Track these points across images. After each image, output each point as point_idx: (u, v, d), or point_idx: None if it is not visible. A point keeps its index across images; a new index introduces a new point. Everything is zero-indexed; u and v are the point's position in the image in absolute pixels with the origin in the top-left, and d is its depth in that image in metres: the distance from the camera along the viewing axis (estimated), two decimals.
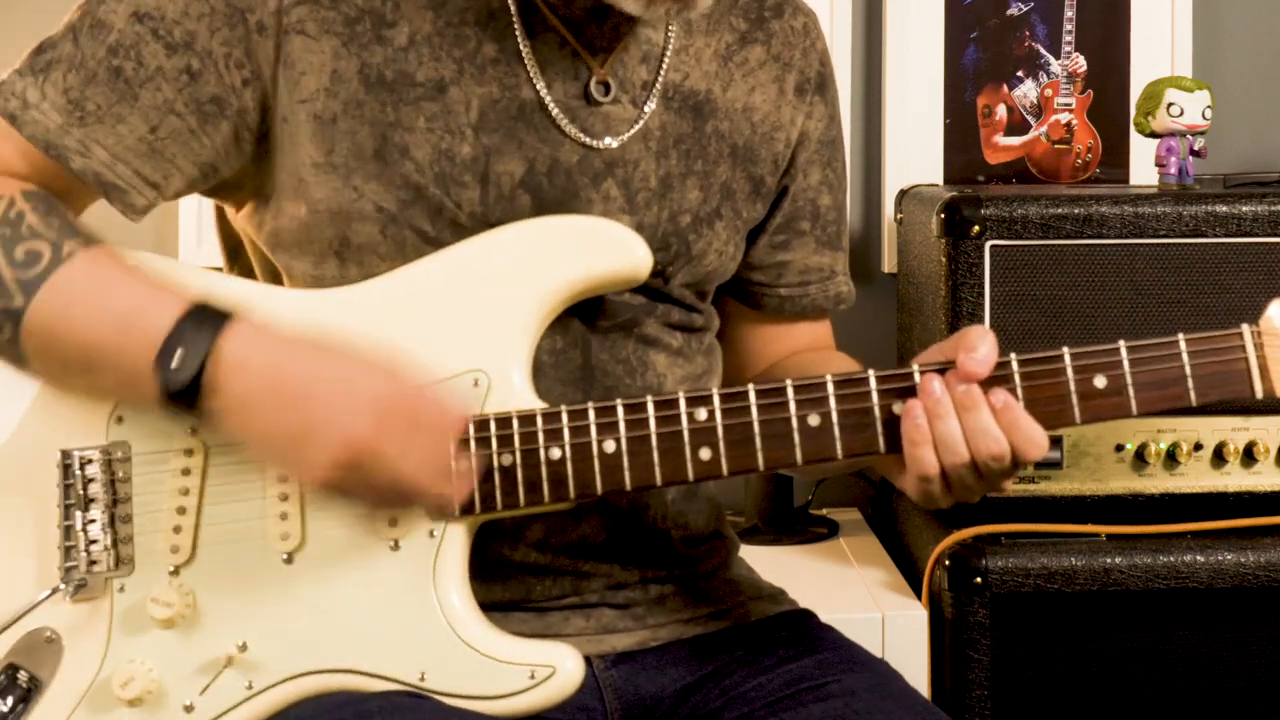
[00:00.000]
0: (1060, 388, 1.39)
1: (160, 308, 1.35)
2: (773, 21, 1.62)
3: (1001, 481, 1.40)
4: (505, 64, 1.49)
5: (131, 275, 1.38)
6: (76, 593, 1.43)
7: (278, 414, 1.34)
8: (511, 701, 1.40)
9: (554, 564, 1.51)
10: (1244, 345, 1.40)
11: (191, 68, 1.43)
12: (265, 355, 1.34)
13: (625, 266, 1.47)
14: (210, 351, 1.33)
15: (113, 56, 1.42)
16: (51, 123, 1.42)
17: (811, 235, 1.67)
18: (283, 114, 1.45)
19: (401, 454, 1.34)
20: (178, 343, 1.34)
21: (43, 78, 1.42)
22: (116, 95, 1.42)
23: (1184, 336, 1.40)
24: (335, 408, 1.33)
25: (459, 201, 1.46)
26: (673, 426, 1.41)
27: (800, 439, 1.40)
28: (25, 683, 1.42)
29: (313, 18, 1.45)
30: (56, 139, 1.42)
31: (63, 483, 1.44)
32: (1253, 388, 1.40)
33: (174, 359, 1.33)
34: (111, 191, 1.44)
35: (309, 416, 1.33)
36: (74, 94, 1.42)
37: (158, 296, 1.36)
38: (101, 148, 1.42)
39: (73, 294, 1.37)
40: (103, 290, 1.37)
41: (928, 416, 1.38)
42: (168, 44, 1.43)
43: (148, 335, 1.34)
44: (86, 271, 1.38)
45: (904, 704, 1.50)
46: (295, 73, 1.44)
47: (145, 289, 1.37)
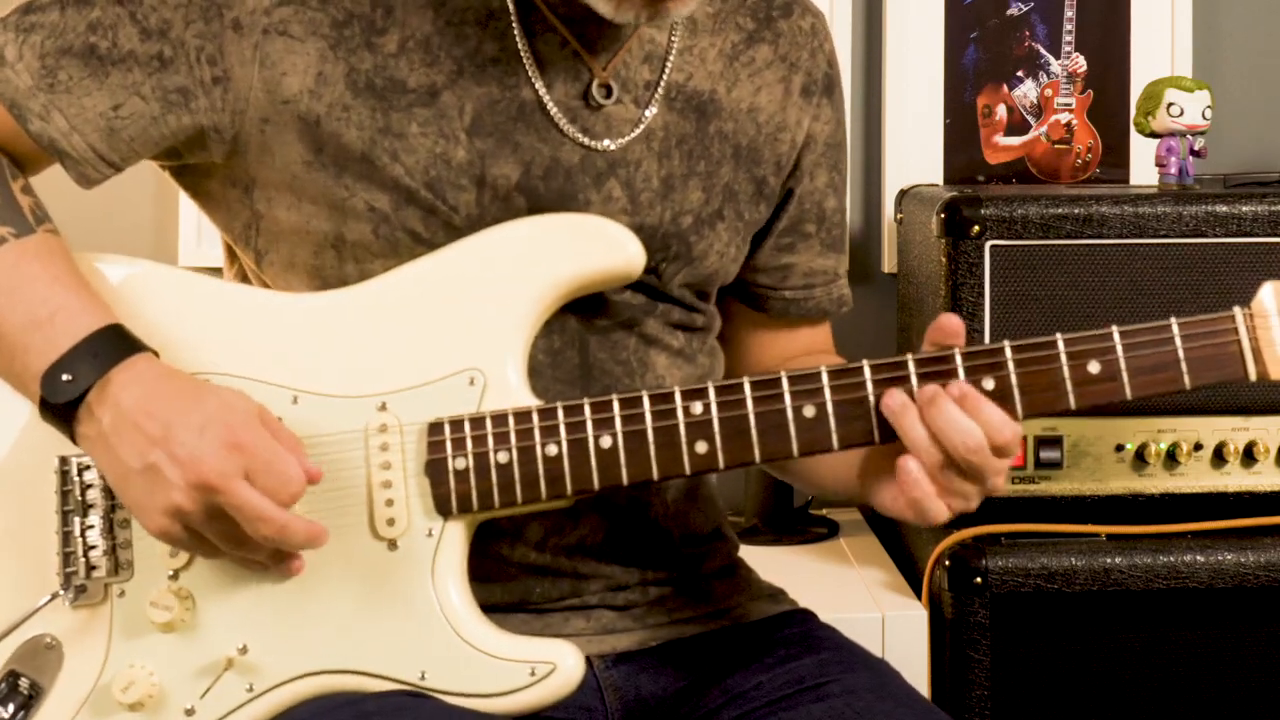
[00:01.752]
0: (1054, 374, 1.39)
1: (69, 321, 1.38)
2: (781, 21, 1.62)
3: (992, 479, 1.40)
4: (505, 64, 1.49)
5: (55, 279, 1.40)
6: (76, 598, 1.43)
7: (134, 451, 1.35)
8: (512, 699, 1.40)
9: (553, 565, 1.52)
10: (1236, 328, 1.40)
11: (163, 55, 1.44)
12: (140, 394, 1.35)
13: (618, 263, 1.47)
14: (96, 382, 1.36)
15: (91, 33, 1.44)
16: (21, 83, 1.44)
17: (817, 238, 1.67)
18: (263, 115, 1.45)
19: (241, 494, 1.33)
20: (71, 364, 1.36)
21: (23, 37, 1.44)
22: (88, 70, 1.44)
23: (1176, 321, 1.40)
24: (184, 447, 1.33)
25: (454, 205, 1.46)
26: (669, 421, 1.41)
27: (796, 430, 1.41)
28: (26, 689, 1.43)
29: (297, 19, 1.45)
30: (22, 100, 1.44)
31: (60, 489, 1.44)
32: (1246, 370, 1.40)
33: (60, 377, 1.36)
34: (65, 159, 1.46)
35: (160, 455, 1.34)
36: (49, 61, 1.44)
37: (72, 309, 1.38)
38: (62, 116, 1.44)
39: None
40: (19, 288, 1.39)
41: (900, 426, 1.37)
42: (143, 29, 1.44)
43: (48, 344, 1.37)
44: (10, 264, 1.40)
45: (904, 704, 1.50)
46: (275, 73, 1.45)
47: (64, 298, 1.39)
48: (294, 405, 1.42)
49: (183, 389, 1.37)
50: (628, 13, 1.43)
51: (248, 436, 1.34)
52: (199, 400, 1.36)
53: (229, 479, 1.32)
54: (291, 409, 1.42)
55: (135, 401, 1.35)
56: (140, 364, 1.37)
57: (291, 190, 1.47)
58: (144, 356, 1.38)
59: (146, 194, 2.49)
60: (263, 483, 1.33)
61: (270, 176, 1.47)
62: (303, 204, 1.47)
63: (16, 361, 1.38)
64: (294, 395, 1.43)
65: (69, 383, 1.36)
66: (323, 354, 1.44)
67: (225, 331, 1.45)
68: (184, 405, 1.35)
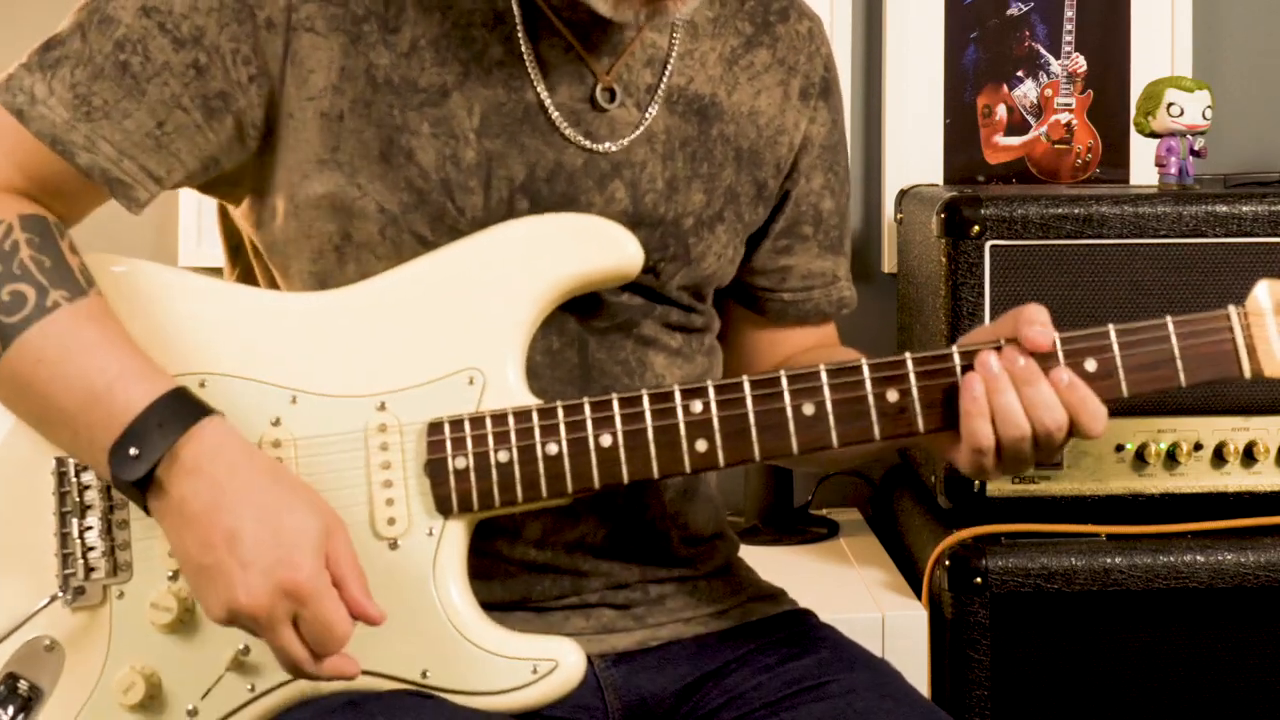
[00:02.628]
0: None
1: (131, 392, 1.35)
2: (778, 26, 1.62)
3: (1056, 454, 1.42)
4: (510, 67, 1.49)
5: (111, 344, 1.37)
6: (75, 600, 1.43)
7: (197, 544, 1.33)
8: (514, 696, 1.40)
9: (553, 563, 1.52)
10: (1231, 326, 1.42)
11: (199, 63, 1.43)
12: (214, 474, 1.33)
13: (617, 262, 1.47)
14: (166, 454, 1.33)
15: (119, 51, 1.42)
16: (58, 118, 1.41)
17: (814, 240, 1.67)
18: (289, 110, 1.45)
19: (282, 636, 1.33)
20: (137, 439, 1.33)
21: (50, 74, 1.42)
22: (123, 90, 1.42)
23: (1172, 319, 1.42)
24: (240, 569, 1.31)
25: (462, 207, 1.46)
26: (668, 419, 1.41)
27: (795, 429, 1.41)
28: (26, 692, 1.42)
29: (322, 15, 1.45)
30: (63, 134, 1.41)
31: (58, 490, 1.44)
32: (1240, 368, 1.42)
33: (128, 450, 1.33)
34: (117, 187, 1.43)
35: (219, 563, 1.32)
36: (81, 89, 1.41)
37: (133, 377, 1.35)
38: (108, 143, 1.42)
39: (45, 353, 1.36)
40: (75, 357, 1.36)
41: (986, 390, 1.39)
42: (175, 39, 1.43)
43: (111, 417, 1.34)
44: (65, 330, 1.37)
45: (904, 703, 1.50)
46: (304, 70, 1.45)
47: (124, 364, 1.36)
48: (293, 405, 1.42)
49: (253, 485, 1.33)
50: (626, 12, 1.43)
51: (309, 585, 1.31)
52: (271, 512, 1.33)
53: (276, 622, 1.32)
54: (291, 409, 1.42)
55: (205, 494, 1.32)
56: (209, 433, 1.34)
57: (296, 193, 1.47)
58: (212, 422, 1.35)
59: None
60: (308, 631, 1.33)
61: (284, 176, 1.47)
62: (304, 208, 1.47)
63: (81, 437, 1.36)
64: (293, 395, 1.43)
65: (136, 459, 1.33)
66: (322, 354, 1.44)
67: (225, 331, 1.44)
68: (255, 514, 1.32)
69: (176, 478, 1.33)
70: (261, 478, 1.35)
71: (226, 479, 1.33)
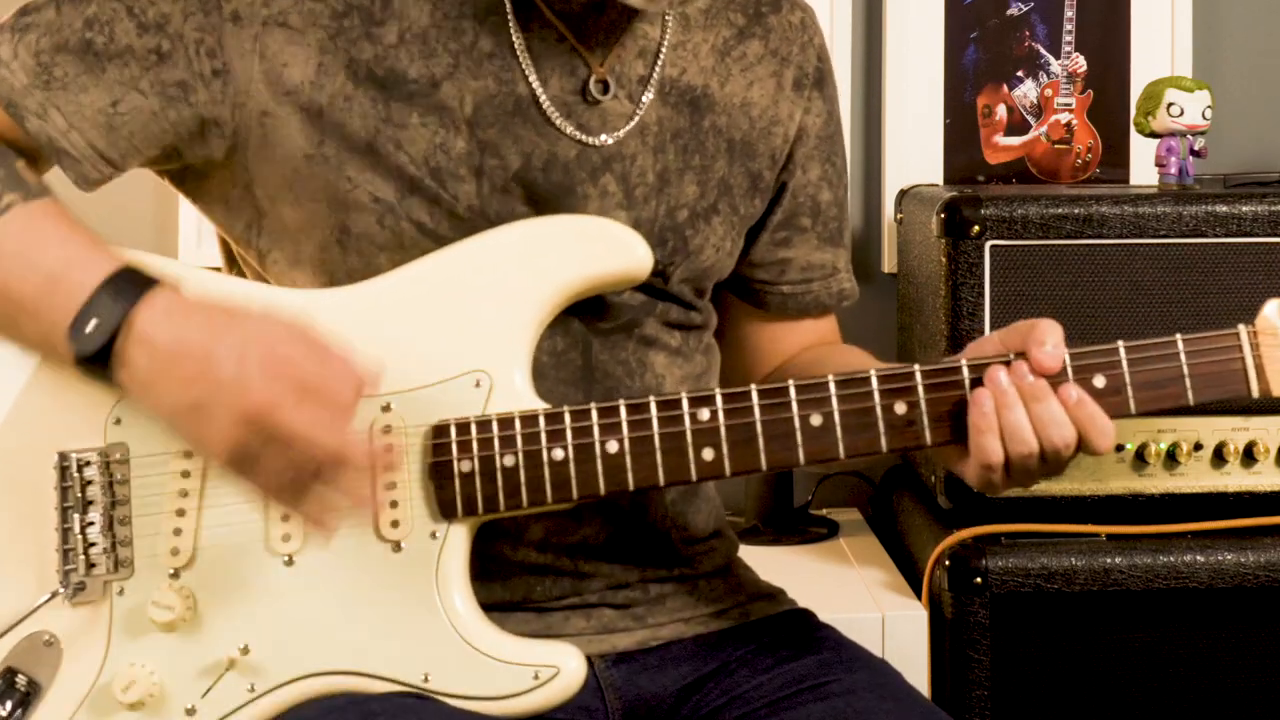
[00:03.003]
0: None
1: (85, 271, 1.35)
2: (770, 16, 1.62)
3: (1064, 467, 1.43)
4: (501, 58, 1.48)
5: (66, 233, 1.38)
6: (75, 596, 1.43)
7: (178, 388, 1.32)
8: (515, 702, 1.40)
9: (555, 564, 1.51)
10: (1240, 345, 1.41)
11: (161, 49, 1.44)
12: (171, 330, 1.33)
13: (626, 266, 1.47)
14: (122, 323, 1.33)
15: (87, 29, 1.43)
16: (17, 81, 1.43)
17: (813, 232, 1.67)
18: (263, 108, 1.45)
19: (294, 415, 1.31)
20: (93, 310, 1.34)
21: (19, 37, 1.43)
22: (84, 66, 1.43)
23: (1181, 337, 1.42)
24: (228, 378, 1.31)
25: (455, 195, 1.46)
26: (676, 427, 1.41)
27: (803, 439, 1.41)
28: (24, 686, 1.42)
29: (296, 10, 1.45)
30: (18, 98, 1.43)
31: (60, 485, 1.44)
32: (1249, 388, 1.41)
33: (87, 326, 1.33)
34: (63, 158, 1.44)
35: (204, 390, 1.31)
36: (44, 58, 1.43)
37: (86, 258, 1.36)
38: (60, 114, 1.43)
39: (3, 247, 1.37)
40: (33, 246, 1.37)
41: (995, 406, 1.39)
42: (140, 23, 1.43)
43: (68, 299, 1.34)
44: (21, 224, 1.38)
45: (904, 703, 1.50)
46: (276, 65, 1.44)
47: (76, 249, 1.37)
48: None
49: (213, 316, 1.34)
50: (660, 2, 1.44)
51: (290, 351, 1.32)
52: (233, 324, 1.33)
53: (277, 406, 1.30)
54: None
55: (168, 337, 1.33)
56: (162, 297, 1.34)
57: (293, 185, 1.47)
58: (163, 288, 1.35)
59: (146, 194, 2.49)
60: (314, 401, 1.31)
61: (271, 172, 1.47)
62: (304, 199, 1.47)
63: (43, 323, 1.36)
64: None
65: (95, 329, 1.33)
66: None
67: None
68: (218, 332, 1.32)
69: (135, 345, 1.33)
70: (216, 310, 1.35)
71: (184, 325, 1.33)
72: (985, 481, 1.42)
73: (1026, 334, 1.41)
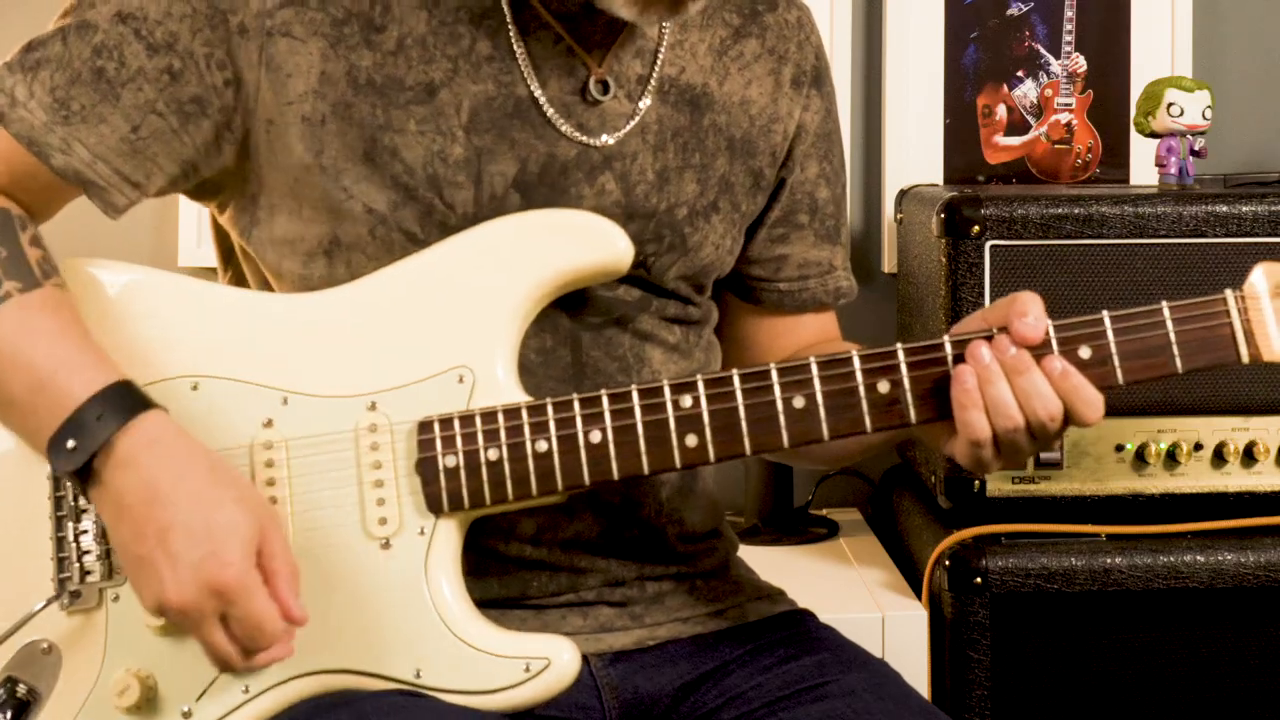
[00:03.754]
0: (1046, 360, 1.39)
1: (74, 382, 1.35)
2: (766, 15, 1.63)
3: (1053, 443, 1.41)
4: (500, 61, 1.49)
5: (61, 335, 1.38)
6: (71, 603, 1.43)
7: (131, 535, 1.33)
8: (508, 695, 1.40)
9: (549, 559, 1.52)
10: (1228, 310, 1.40)
11: (173, 68, 1.44)
12: (150, 467, 1.33)
13: (606, 258, 1.46)
14: (103, 447, 1.33)
15: (96, 57, 1.44)
16: (37, 120, 1.43)
17: (810, 229, 1.67)
18: (268, 116, 1.45)
19: (213, 632, 1.33)
20: (73, 430, 1.33)
21: (31, 76, 1.44)
22: (99, 95, 1.43)
23: (1168, 304, 1.40)
24: (171, 564, 1.32)
25: (451, 202, 1.46)
26: (658, 415, 1.41)
27: (786, 422, 1.40)
28: (24, 695, 1.42)
29: (299, 20, 1.45)
30: (40, 136, 1.43)
31: (54, 494, 1.44)
32: (1238, 352, 1.40)
33: (67, 443, 1.34)
34: (91, 189, 1.45)
35: (149, 556, 1.32)
36: (60, 93, 1.43)
37: (75, 364, 1.36)
38: (83, 146, 1.43)
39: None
40: (23, 346, 1.37)
41: (978, 381, 1.38)
42: (149, 44, 1.44)
43: (52, 410, 1.34)
44: (15, 320, 1.38)
45: (903, 704, 1.50)
46: (281, 75, 1.45)
47: (69, 354, 1.36)
48: (284, 406, 1.43)
49: (187, 479, 1.33)
50: (652, 15, 1.44)
51: (236, 583, 1.31)
52: (203, 507, 1.33)
53: (203, 619, 1.32)
54: (282, 410, 1.43)
55: (139, 487, 1.33)
56: (147, 426, 1.34)
57: (295, 194, 1.47)
58: (150, 416, 1.35)
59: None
60: (238, 628, 1.33)
61: (276, 181, 1.47)
62: (304, 208, 1.47)
63: (29, 424, 1.37)
64: (284, 396, 1.43)
65: (73, 451, 1.33)
66: (312, 354, 1.44)
67: (215, 334, 1.45)
68: (186, 509, 1.32)
69: (113, 470, 1.33)
70: (197, 472, 1.34)
71: (161, 473, 1.33)
72: (975, 460, 1.41)
73: (1007, 307, 1.40)
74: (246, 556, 1.32)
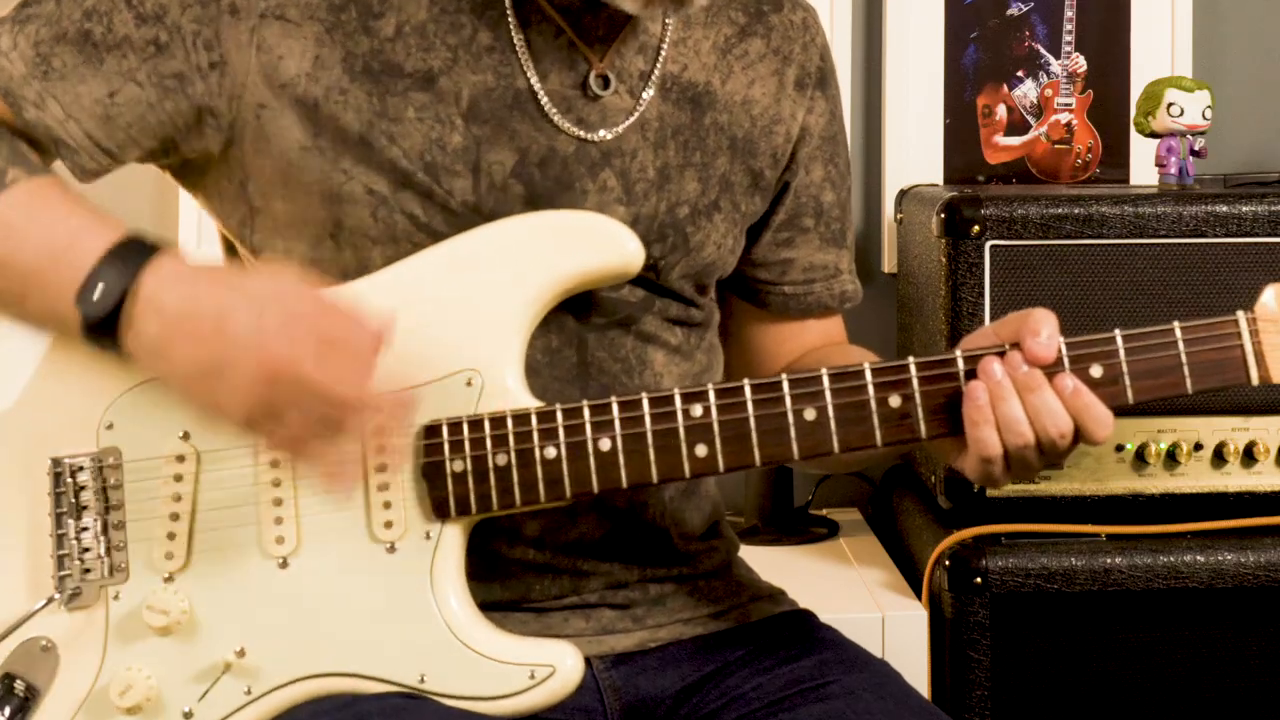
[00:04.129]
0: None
1: (90, 240, 1.36)
2: (772, 15, 1.62)
3: (1063, 459, 1.41)
4: (500, 53, 1.48)
5: (71, 206, 1.39)
6: (71, 601, 1.43)
7: (191, 349, 1.32)
8: (512, 702, 1.40)
9: (552, 562, 1.51)
10: (1239, 333, 1.40)
11: (159, 40, 1.44)
12: (180, 292, 1.33)
13: (617, 260, 1.46)
14: (130, 288, 1.33)
15: (86, 19, 1.44)
16: (16, 71, 1.43)
17: (815, 232, 1.67)
18: (260, 100, 1.45)
19: (318, 369, 1.31)
20: (100, 277, 1.34)
21: (19, 28, 1.44)
22: (82, 57, 1.44)
23: (1179, 325, 1.41)
24: (245, 335, 1.31)
25: (450, 190, 1.46)
26: (668, 424, 1.41)
27: (796, 434, 1.40)
28: (22, 692, 1.42)
29: (294, 3, 1.45)
30: (16, 87, 1.43)
31: (54, 491, 1.44)
32: (1249, 375, 1.40)
33: (95, 292, 1.34)
34: (60, 148, 1.45)
35: (221, 349, 1.31)
36: (43, 48, 1.43)
37: (90, 228, 1.37)
38: (57, 103, 1.43)
39: (9, 220, 1.38)
40: (39, 218, 1.38)
41: (990, 398, 1.38)
42: (139, 14, 1.44)
43: (74, 267, 1.35)
44: (26, 198, 1.39)
45: (904, 704, 1.50)
46: (273, 57, 1.44)
47: (80, 220, 1.37)
48: None
49: (221, 277, 1.35)
50: (656, 9, 1.44)
51: (305, 307, 1.32)
52: (243, 283, 1.34)
53: (299, 361, 1.30)
54: None
55: (178, 298, 1.33)
56: (168, 261, 1.35)
57: (287, 179, 1.47)
58: (169, 254, 1.35)
59: (146, 194, 2.49)
60: (336, 355, 1.31)
61: (266, 166, 1.47)
62: (298, 193, 1.47)
63: (50, 293, 1.36)
64: None
65: (102, 295, 1.33)
66: None
67: None
68: (229, 292, 1.33)
69: (144, 309, 1.33)
70: (224, 275, 1.36)
71: (193, 289, 1.33)
72: (985, 475, 1.41)
73: (1020, 324, 1.40)
74: (302, 285, 1.33)
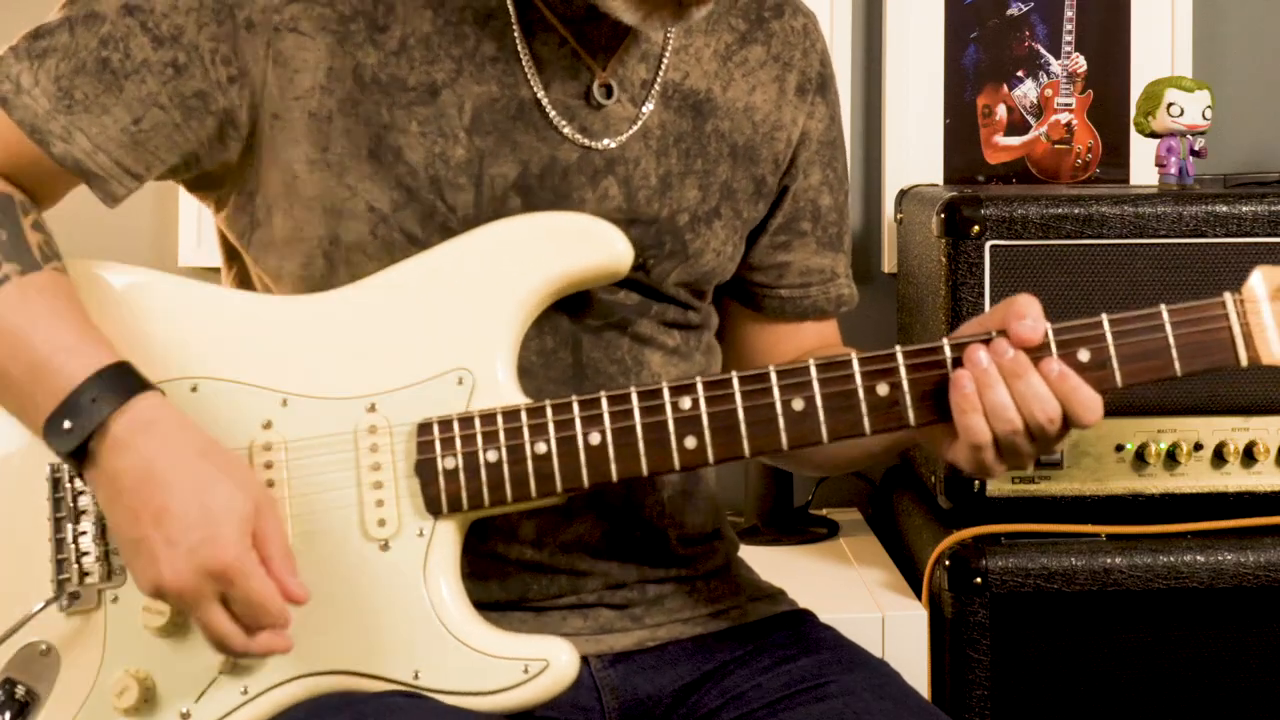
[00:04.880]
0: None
1: (71, 364, 1.35)
2: (772, 22, 1.62)
3: (1055, 445, 1.41)
4: (504, 63, 1.49)
5: (59, 317, 1.38)
6: (70, 605, 1.43)
7: (127, 517, 1.34)
8: (506, 696, 1.40)
9: (550, 562, 1.52)
10: (1227, 314, 1.40)
11: (177, 61, 1.44)
12: (146, 449, 1.33)
13: (605, 260, 1.46)
14: (99, 429, 1.34)
15: (102, 48, 1.44)
16: (40, 107, 1.43)
17: (812, 236, 1.67)
18: (274, 110, 1.45)
19: (213, 615, 1.33)
20: (70, 410, 1.34)
21: (37, 64, 1.44)
22: (103, 86, 1.44)
23: (1166, 307, 1.40)
24: (165, 544, 1.32)
25: (453, 204, 1.46)
26: (657, 416, 1.41)
27: (785, 424, 1.40)
28: (23, 696, 1.42)
29: (307, 15, 1.45)
30: (42, 124, 1.43)
31: (52, 496, 1.44)
32: (1237, 356, 1.40)
33: (63, 423, 1.34)
34: (91, 179, 1.45)
35: (146, 539, 1.33)
36: (64, 82, 1.43)
37: (72, 346, 1.36)
38: (84, 136, 1.44)
39: None
40: (21, 328, 1.37)
41: (977, 385, 1.38)
42: (155, 37, 1.44)
43: (49, 392, 1.35)
44: (13, 302, 1.38)
45: (903, 704, 1.50)
46: (288, 70, 1.45)
47: (66, 337, 1.37)
48: (283, 408, 1.43)
49: (183, 462, 1.34)
50: (655, 22, 1.44)
51: (235, 565, 1.32)
52: (198, 489, 1.33)
53: (201, 599, 1.33)
54: (281, 411, 1.43)
55: (135, 469, 1.33)
56: (142, 408, 1.35)
57: (290, 191, 1.47)
58: (147, 398, 1.35)
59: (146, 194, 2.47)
60: (240, 609, 1.33)
61: (274, 178, 1.47)
62: (298, 207, 1.47)
63: (26, 406, 1.37)
64: (283, 398, 1.43)
65: (68, 431, 1.34)
66: (311, 356, 1.44)
67: (215, 335, 1.45)
68: (182, 491, 1.32)
69: (109, 452, 1.34)
70: (192, 454, 1.35)
71: (157, 455, 1.33)
72: (977, 464, 1.41)
73: (1006, 310, 1.40)
74: (243, 537, 1.33)
